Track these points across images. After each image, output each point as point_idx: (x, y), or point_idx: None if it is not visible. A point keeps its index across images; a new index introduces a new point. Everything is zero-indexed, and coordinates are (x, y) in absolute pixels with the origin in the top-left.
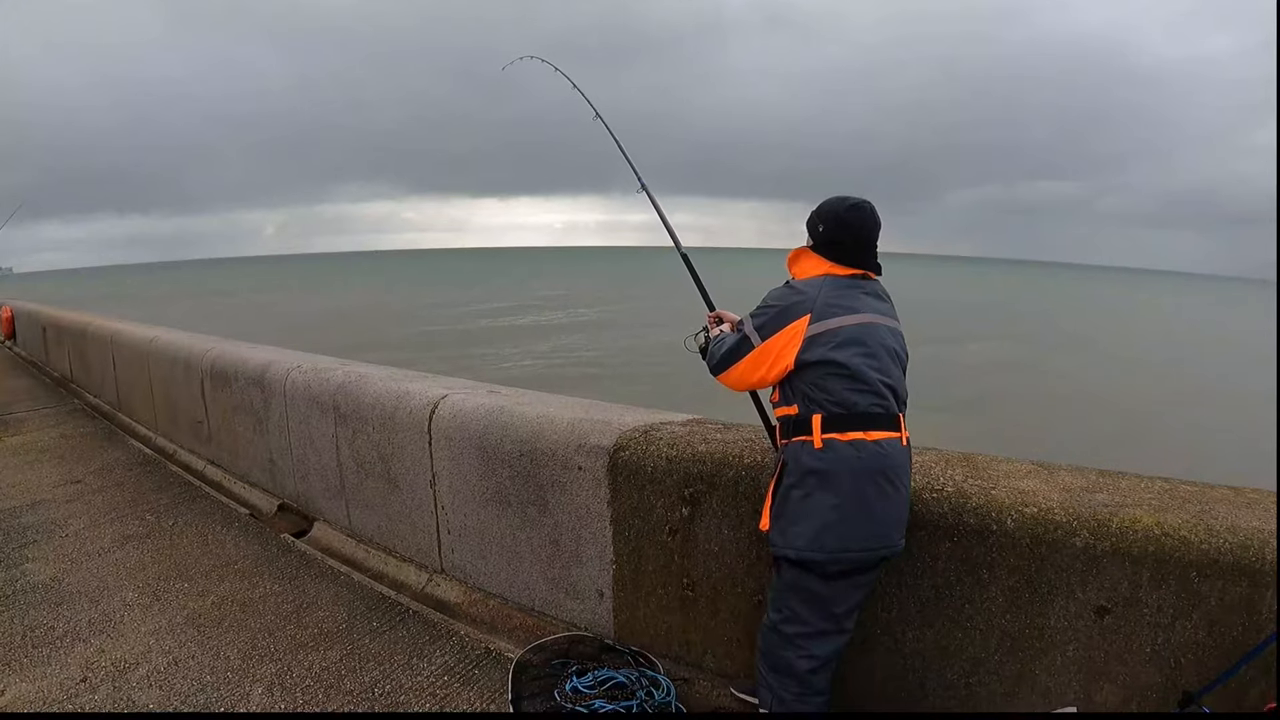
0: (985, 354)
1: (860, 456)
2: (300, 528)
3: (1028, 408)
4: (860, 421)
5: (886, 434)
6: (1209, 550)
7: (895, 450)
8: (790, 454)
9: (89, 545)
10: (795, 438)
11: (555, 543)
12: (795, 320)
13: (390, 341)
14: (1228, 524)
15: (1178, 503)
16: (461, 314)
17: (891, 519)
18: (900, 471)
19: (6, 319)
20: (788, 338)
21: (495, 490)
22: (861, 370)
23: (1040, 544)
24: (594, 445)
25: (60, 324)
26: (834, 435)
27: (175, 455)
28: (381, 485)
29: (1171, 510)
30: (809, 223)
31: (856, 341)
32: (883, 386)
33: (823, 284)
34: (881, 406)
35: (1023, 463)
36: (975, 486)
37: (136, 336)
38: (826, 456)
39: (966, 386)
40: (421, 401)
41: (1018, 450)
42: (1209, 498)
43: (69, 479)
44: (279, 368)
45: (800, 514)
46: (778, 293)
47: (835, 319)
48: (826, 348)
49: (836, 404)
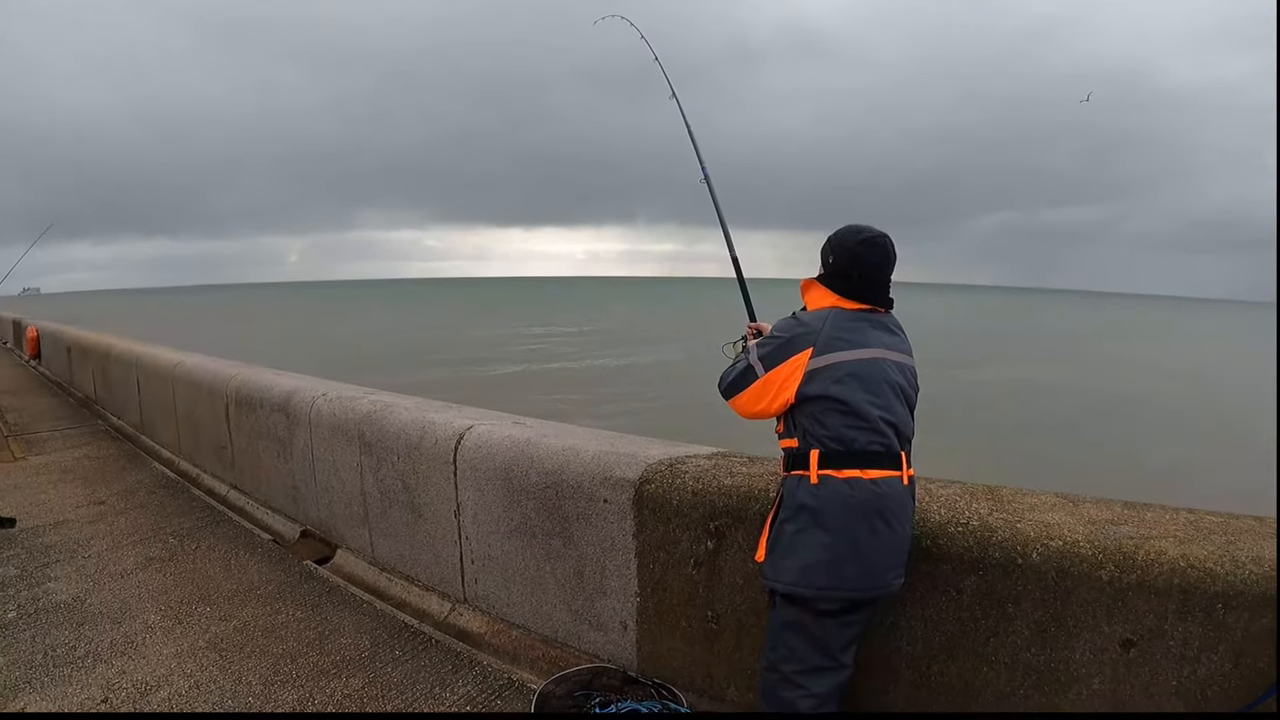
0: (1014, 378)
1: (854, 495)
2: (323, 554)
3: (1056, 436)
4: (858, 459)
5: (885, 472)
6: (1234, 582)
7: (893, 490)
8: (788, 488)
9: (112, 566)
10: (794, 471)
11: (579, 574)
12: (798, 353)
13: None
14: (1253, 555)
15: (1203, 534)
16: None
17: (885, 560)
18: (898, 511)
19: (32, 339)
20: (790, 370)
21: (520, 521)
22: (861, 407)
23: (1066, 577)
24: (619, 478)
25: (85, 345)
26: (830, 472)
27: (199, 479)
28: (405, 514)
29: (1197, 542)
30: (822, 250)
31: (859, 377)
32: (883, 424)
33: (829, 317)
34: (881, 444)
35: (1048, 495)
36: (1000, 520)
37: (161, 360)
38: (820, 493)
39: (991, 413)
40: (447, 432)
41: (1058, 478)
42: (1235, 528)
43: (92, 500)
44: (304, 395)
45: (792, 549)
46: (784, 323)
47: (839, 353)
48: (827, 382)
49: (834, 440)
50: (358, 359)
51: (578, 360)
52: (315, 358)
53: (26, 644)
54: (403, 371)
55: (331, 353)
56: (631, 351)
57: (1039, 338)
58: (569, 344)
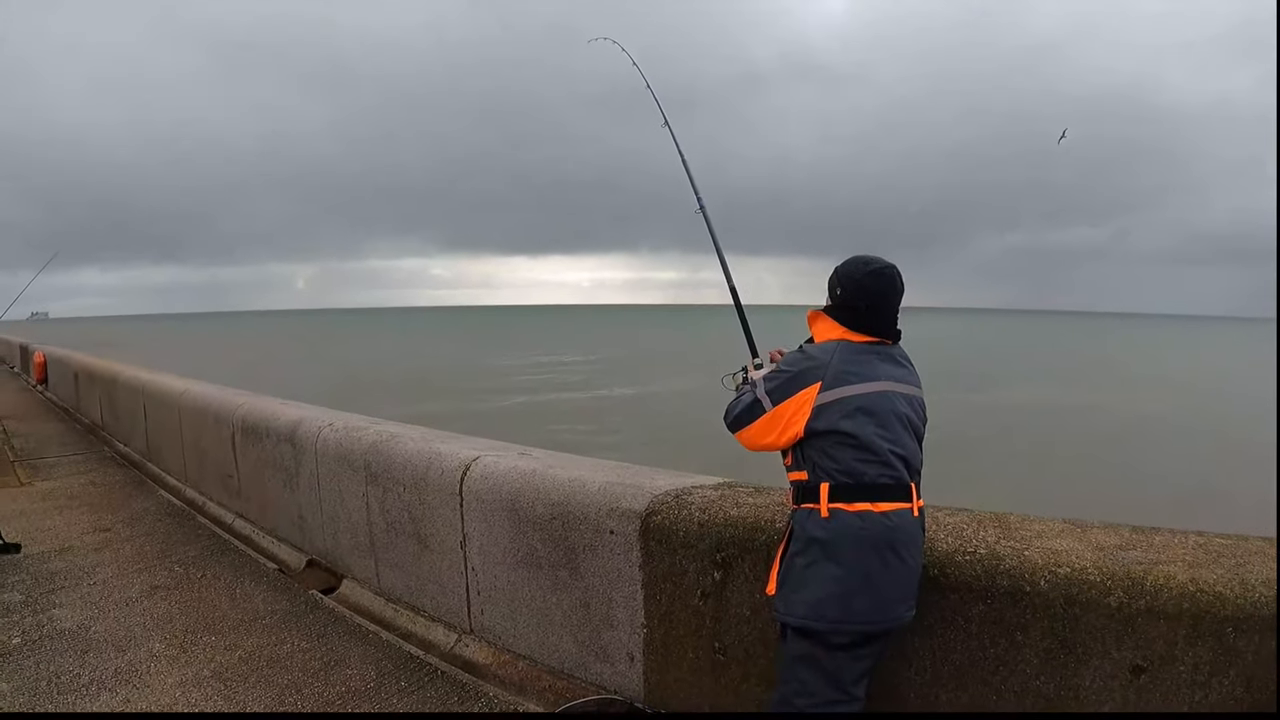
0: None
1: (865, 528)
2: (328, 584)
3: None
4: (868, 492)
5: (895, 505)
6: (1244, 605)
7: (904, 522)
8: (798, 521)
9: (117, 594)
10: (804, 504)
11: (586, 605)
12: (806, 387)
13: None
14: (1263, 577)
15: (1212, 557)
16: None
17: (896, 592)
18: (909, 543)
19: (39, 364)
20: (798, 404)
21: (526, 552)
22: (871, 440)
23: (1074, 604)
24: (626, 509)
25: (92, 371)
26: (841, 505)
27: (204, 507)
28: (411, 545)
29: (1206, 566)
30: (829, 281)
31: (868, 410)
32: (893, 457)
33: (836, 350)
34: (892, 477)
35: (1055, 521)
36: (1008, 548)
37: (168, 388)
38: (831, 526)
39: (1003, 437)
40: (453, 463)
41: (1070, 501)
42: (1244, 550)
43: (98, 526)
44: (310, 425)
45: (803, 582)
46: (792, 357)
47: (847, 387)
48: (836, 417)
49: (844, 473)
50: (363, 388)
51: (584, 390)
52: (318, 388)
53: (31, 671)
54: (409, 402)
55: (337, 382)
56: (638, 381)
57: (1044, 359)
58: (575, 373)
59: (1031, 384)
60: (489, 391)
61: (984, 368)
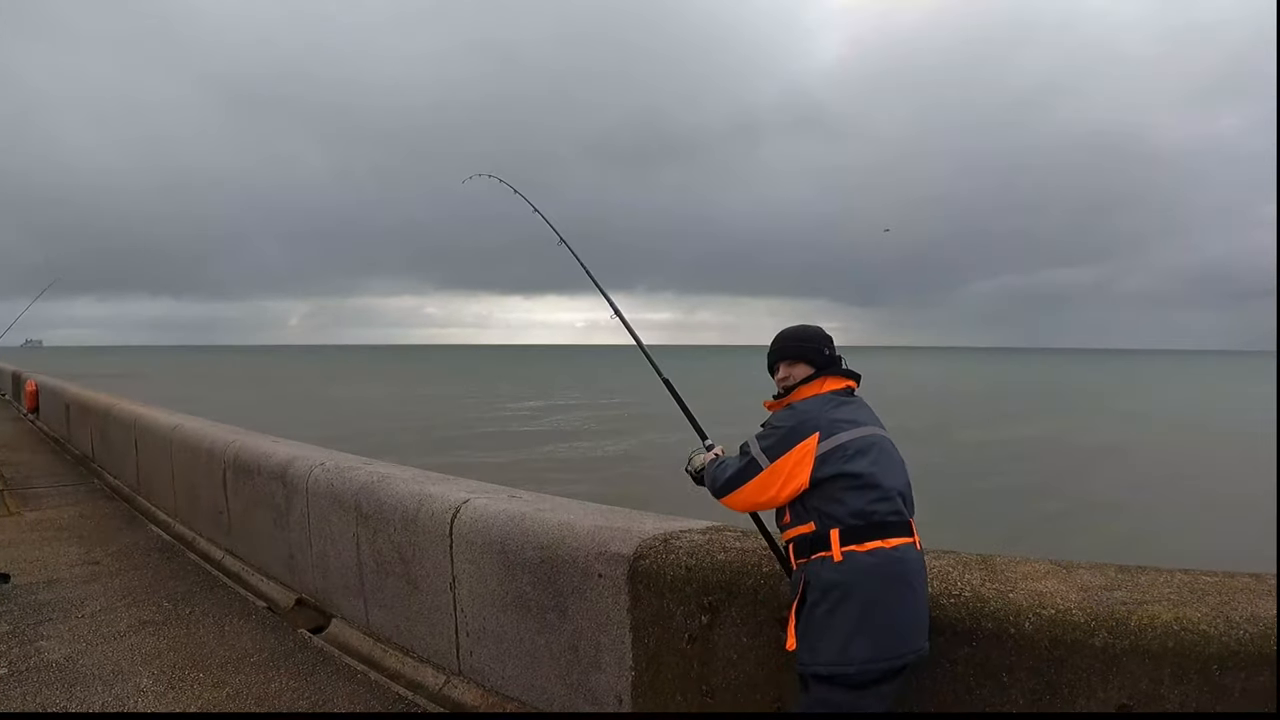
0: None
1: (879, 564)
2: (317, 623)
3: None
4: (878, 531)
5: (903, 540)
6: (1229, 642)
7: (912, 555)
8: (811, 572)
9: (105, 628)
10: (814, 555)
11: (574, 648)
12: (805, 439)
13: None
14: (1248, 614)
15: (1197, 595)
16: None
17: (915, 623)
18: (918, 576)
19: (30, 393)
20: (799, 456)
21: (515, 595)
22: (877, 479)
23: (1059, 645)
24: (614, 553)
25: (84, 403)
26: (853, 547)
27: (194, 543)
28: (401, 585)
29: (1191, 604)
30: (771, 366)
31: (866, 452)
32: (896, 494)
33: (822, 403)
34: (897, 514)
35: (1041, 562)
36: (992, 590)
37: (160, 422)
38: (847, 568)
39: (1001, 475)
40: (443, 505)
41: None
42: (1230, 587)
43: (87, 559)
44: (302, 464)
45: (827, 629)
46: (781, 415)
47: (843, 434)
48: (840, 462)
49: (854, 515)
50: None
51: (576, 432)
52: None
53: (17, 702)
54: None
55: (322, 429)
56: (629, 425)
57: (1039, 397)
58: (568, 416)
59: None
60: (477, 432)
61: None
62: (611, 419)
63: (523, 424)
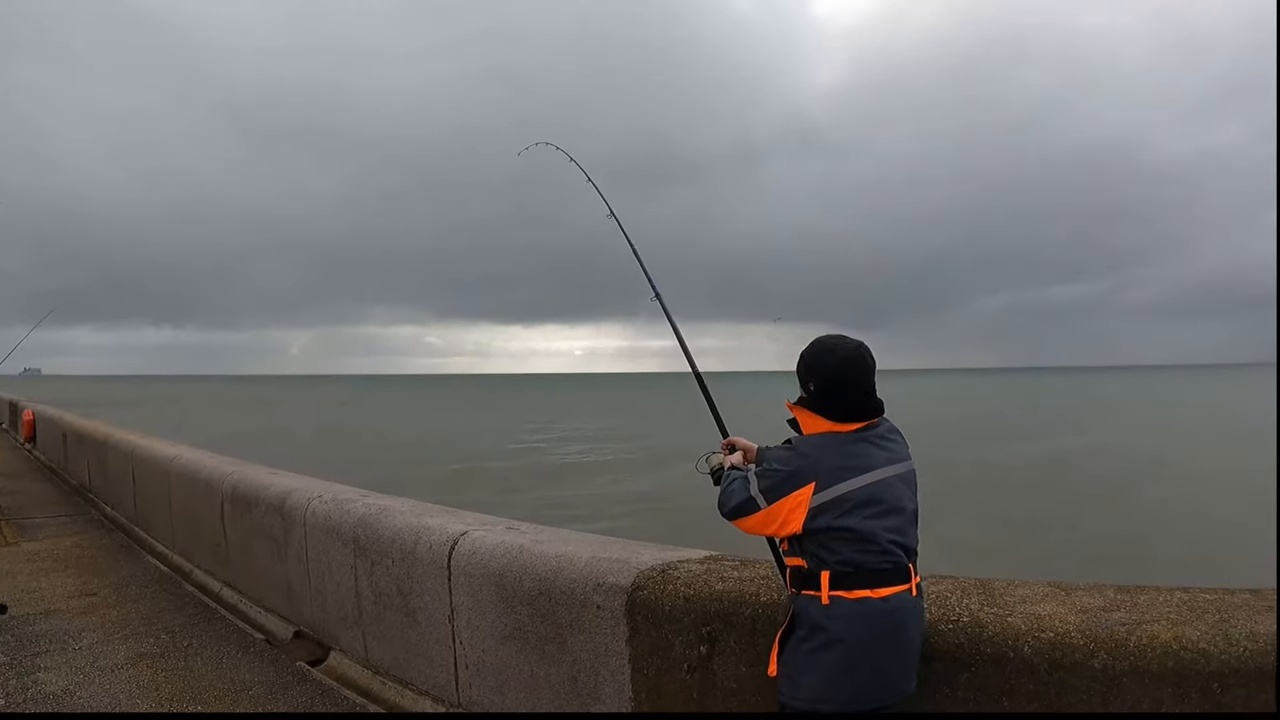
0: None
1: (866, 614)
2: (316, 656)
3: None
4: (868, 579)
5: (894, 588)
6: (1229, 660)
7: (904, 603)
8: (799, 606)
9: (102, 660)
10: (804, 591)
11: (574, 680)
12: (801, 488)
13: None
14: (1247, 631)
15: (1196, 614)
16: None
17: (900, 670)
18: (908, 623)
19: (28, 422)
20: (794, 504)
21: (514, 627)
22: (872, 533)
23: (1058, 669)
24: (612, 584)
25: (81, 432)
26: (841, 593)
27: (192, 575)
28: (400, 617)
29: (1190, 623)
30: (798, 372)
31: (866, 503)
32: (891, 545)
33: (826, 444)
34: (890, 562)
35: (1040, 585)
36: (991, 614)
37: (158, 453)
38: (833, 613)
39: (1008, 496)
40: (441, 537)
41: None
42: (1229, 604)
43: (84, 590)
44: (300, 496)
45: (808, 667)
46: (782, 455)
47: (843, 484)
48: (833, 516)
49: (843, 563)
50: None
51: (575, 461)
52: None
53: None
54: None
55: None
56: (627, 452)
57: (1042, 416)
58: (565, 445)
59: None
60: (477, 462)
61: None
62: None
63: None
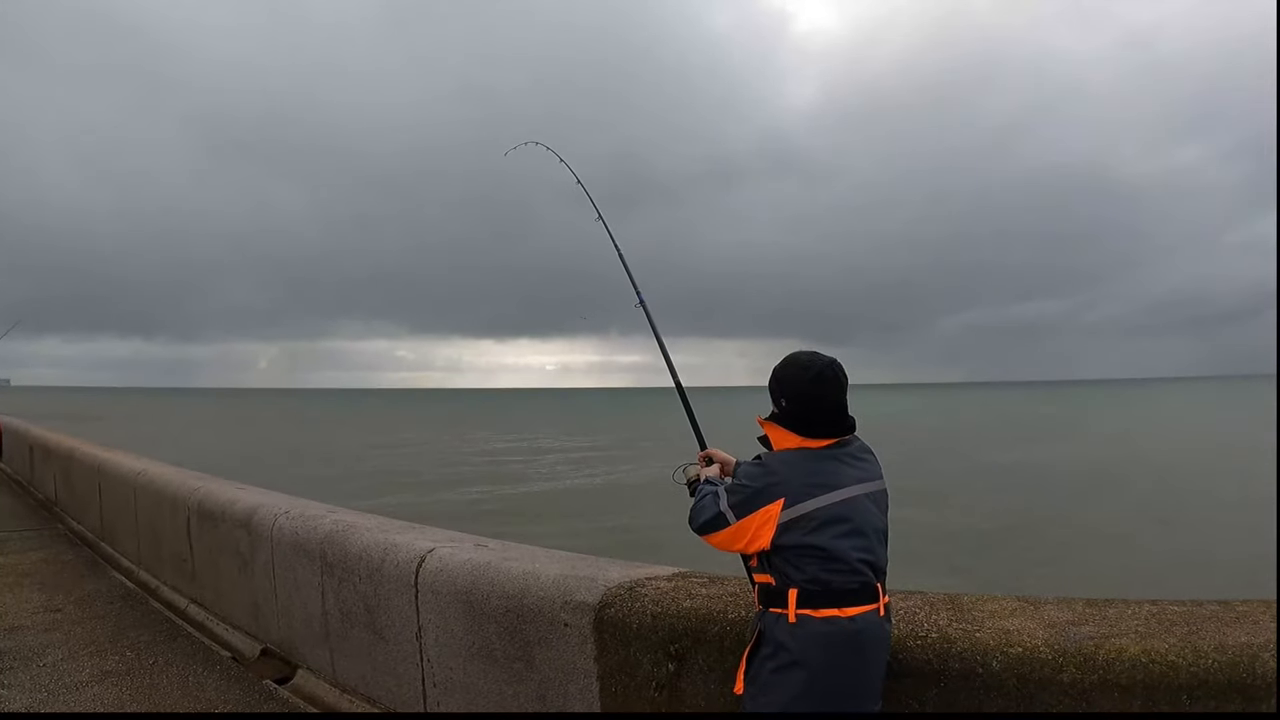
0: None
1: (832, 634)
2: (283, 674)
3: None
4: (835, 598)
5: (862, 608)
6: (1198, 672)
7: (870, 624)
8: (766, 623)
9: (67, 678)
10: (772, 608)
11: (542, 699)
12: (768, 504)
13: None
14: (1215, 643)
15: (1164, 627)
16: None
17: (865, 689)
18: (875, 642)
19: None
20: (762, 520)
21: (482, 645)
22: (840, 551)
23: (1027, 683)
24: (579, 602)
25: (48, 446)
26: (808, 612)
27: (158, 591)
28: (367, 635)
29: (1158, 636)
30: (770, 388)
31: (835, 521)
32: (860, 564)
33: (796, 460)
34: (859, 582)
35: (1009, 599)
36: (959, 630)
37: (124, 468)
38: (799, 633)
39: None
40: (409, 555)
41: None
42: (1197, 616)
43: (49, 607)
44: (267, 512)
45: (773, 684)
46: (752, 471)
47: (812, 500)
48: (802, 532)
49: (811, 581)
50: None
51: (544, 477)
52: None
53: None
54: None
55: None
56: (599, 469)
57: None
58: (536, 460)
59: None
60: (446, 478)
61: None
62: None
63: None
